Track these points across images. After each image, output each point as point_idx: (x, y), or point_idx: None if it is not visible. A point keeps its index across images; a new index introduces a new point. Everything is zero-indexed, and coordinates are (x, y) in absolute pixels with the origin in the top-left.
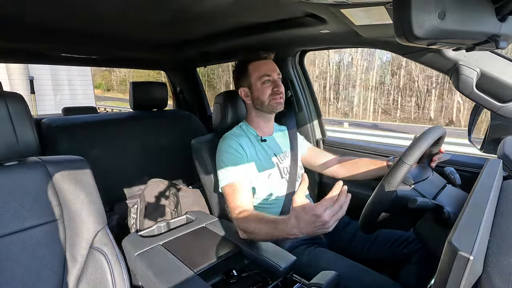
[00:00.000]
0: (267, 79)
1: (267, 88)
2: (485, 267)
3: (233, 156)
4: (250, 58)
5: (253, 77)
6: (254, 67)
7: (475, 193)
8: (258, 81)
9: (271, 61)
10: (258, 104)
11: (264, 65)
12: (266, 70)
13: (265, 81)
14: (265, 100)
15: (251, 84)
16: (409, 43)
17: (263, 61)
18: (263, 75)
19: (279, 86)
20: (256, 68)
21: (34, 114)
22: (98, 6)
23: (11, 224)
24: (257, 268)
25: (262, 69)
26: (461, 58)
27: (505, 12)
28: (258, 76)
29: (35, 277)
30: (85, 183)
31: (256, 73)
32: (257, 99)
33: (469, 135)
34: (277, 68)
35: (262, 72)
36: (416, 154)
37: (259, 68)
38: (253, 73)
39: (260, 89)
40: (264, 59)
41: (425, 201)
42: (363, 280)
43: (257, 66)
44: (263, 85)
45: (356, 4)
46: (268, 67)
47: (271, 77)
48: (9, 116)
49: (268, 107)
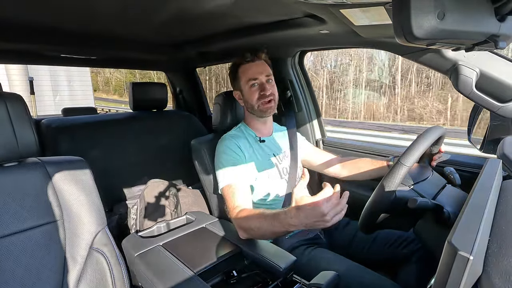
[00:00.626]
0: (254, 82)
1: (255, 92)
2: (485, 267)
3: (231, 158)
4: (240, 61)
5: (242, 81)
6: (243, 70)
7: (474, 193)
8: (246, 85)
9: (261, 62)
10: (249, 108)
11: (251, 68)
12: (253, 73)
13: (252, 85)
14: (254, 104)
15: (241, 88)
16: (408, 43)
17: (251, 63)
18: (249, 79)
19: (265, 90)
20: (244, 72)
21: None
22: (98, 6)
23: (11, 225)
24: (257, 268)
25: (249, 73)
26: (461, 58)
27: (504, 12)
28: (246, 80)
29: (35, 278)
30: (85, 184)
31: (244, 77)
32: (247, 102)
33: (468, 135)
34: (266, 70)
35: (249, 76)
36: (415, 156)
37: (247, 72)
38: (241, 76)
39: (248, 93)
40: (253, 61)
41: (425, 201)
42: (363, 280)
43: (245, 69)
44: (250, 89)
45: (356, 5)
46: (255, 70)
47: (258, 80)
48: (9, 117)
49: (257, 111)
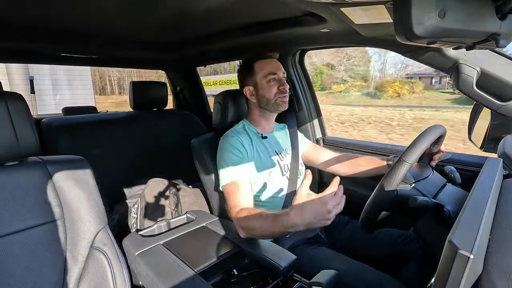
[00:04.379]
0: (273, 77)
1: (273, 86)
2: (485, 266)
3: (234, 155)
4: (256, 57)
5: (259, 76)
6: (260, 65)
7: (475, 192)
8: (264, 80)
9: (276, 60)
10: (264, 103)
11: (269, 64)
12: (272, 68)
13: (271, 80)
14: (271, 98)
15: (257, 82)
16: (409, 41)
17: (268, 59)
18: (268, 74)
19: (285, 85)
20: (261, 67)
21: (34, 114)
22: (98, 5)
23: (12, 224)
24: (258, 267)
25: (268, 68)
26: (461, 56)
27: (505, 10)
28: (264, 74)
29: (36, 277)
30: (85, 183)
31: (261, 72)
32: (263, 97)
33: (469, 134)
34: (282, 67)
35: (268, 71)
36: (417, 153)
37: (265, 67)
38: (259, 71)
39: (266, 88)
40: (269, 58)
41: (425, 200)
42: (363, 278)
43: (263, 64)
44: (268, 83)
45: (356, 3)
46: (273, 66)
47: (277, 75)
48: (9, 116)
49: (273, 105)
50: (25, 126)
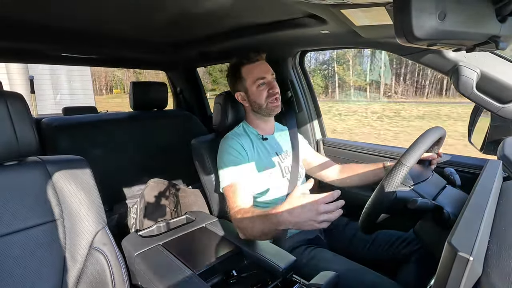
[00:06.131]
0: (262, 81)
1: (263, 91)
2: (485, 268)
3: (233, 157)
4: (243, 61)
5: (248, 82)
6: (248, 70)
7: (475, 194)
8: (253, 85)
9: (264, 61)
10: (256, 108)
11: (257, 68)
12: (260, 72)
13: (260, 84)
14: (262, 103)
15: (247, 88)
16: (409, 44)
17: (255, 63)
18: (257, 78)
19: (274, 88)
20: (249, 71)
21: (34, 114)
22: (98, 6)
23: (11, 224)
24: (257, 268)
25: (256, 72)
26: (461, 59)
27: (505, 13)
28: (252, 80)
29: (35, 277)
30: (85, 183)
31: (250, 77)
32: (254, 102)
33: (469, 136)
34: (270, 69)
35: (256, 76)
36: (415, 156)
37: (253, 71)
38: (247, 77)
39: (256, 93)
40: (256, 61)
41: (425, 201)
42: (362, 280)
43: (250, 69)
44: (258, 88)
45: (357, 5)
46: (261, 69)
47: (266, 79)
48: (9, 116)
49: (266, 110)
50: (25, 126)
